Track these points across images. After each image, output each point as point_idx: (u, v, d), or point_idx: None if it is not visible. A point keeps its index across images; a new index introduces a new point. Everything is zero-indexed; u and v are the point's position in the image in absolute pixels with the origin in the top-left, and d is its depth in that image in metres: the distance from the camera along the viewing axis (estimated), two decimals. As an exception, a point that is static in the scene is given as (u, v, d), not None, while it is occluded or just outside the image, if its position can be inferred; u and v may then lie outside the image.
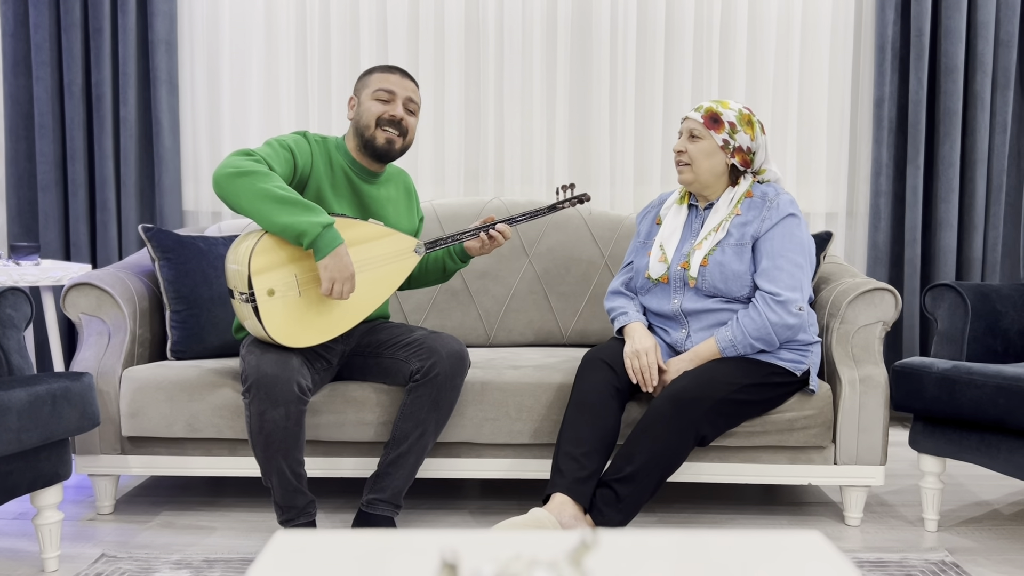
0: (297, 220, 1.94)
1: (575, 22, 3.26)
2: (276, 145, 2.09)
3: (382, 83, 2.18)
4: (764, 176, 2.24)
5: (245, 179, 1.95)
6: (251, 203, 1.95)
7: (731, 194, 2.20)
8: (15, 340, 2.07)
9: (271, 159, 2.04)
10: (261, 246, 1.98)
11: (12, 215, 3.28)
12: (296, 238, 1.96)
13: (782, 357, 2.16)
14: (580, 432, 2.07)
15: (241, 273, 1.98)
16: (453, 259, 2.30)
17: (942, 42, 3.17)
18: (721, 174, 2.20)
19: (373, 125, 2.18)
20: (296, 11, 3.26)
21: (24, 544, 2.16)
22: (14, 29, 3.21)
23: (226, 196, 1.97)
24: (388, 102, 2.18)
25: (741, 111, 2.19)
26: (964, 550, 2.15)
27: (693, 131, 2.19)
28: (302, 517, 2.07)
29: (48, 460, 1.93)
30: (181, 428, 2.26)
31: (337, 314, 2.07)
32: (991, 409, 2.05)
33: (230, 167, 1.96)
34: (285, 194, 1.96)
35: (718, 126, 2.16)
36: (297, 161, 2.12)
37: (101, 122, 3.19)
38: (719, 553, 1.01)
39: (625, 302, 2.31)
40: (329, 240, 1.96)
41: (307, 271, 2.04)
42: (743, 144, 2.18)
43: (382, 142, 2.18)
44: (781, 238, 2.12)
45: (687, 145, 2.19)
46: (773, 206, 2.15)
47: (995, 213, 3.24)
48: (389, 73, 2.20)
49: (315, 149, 2.18)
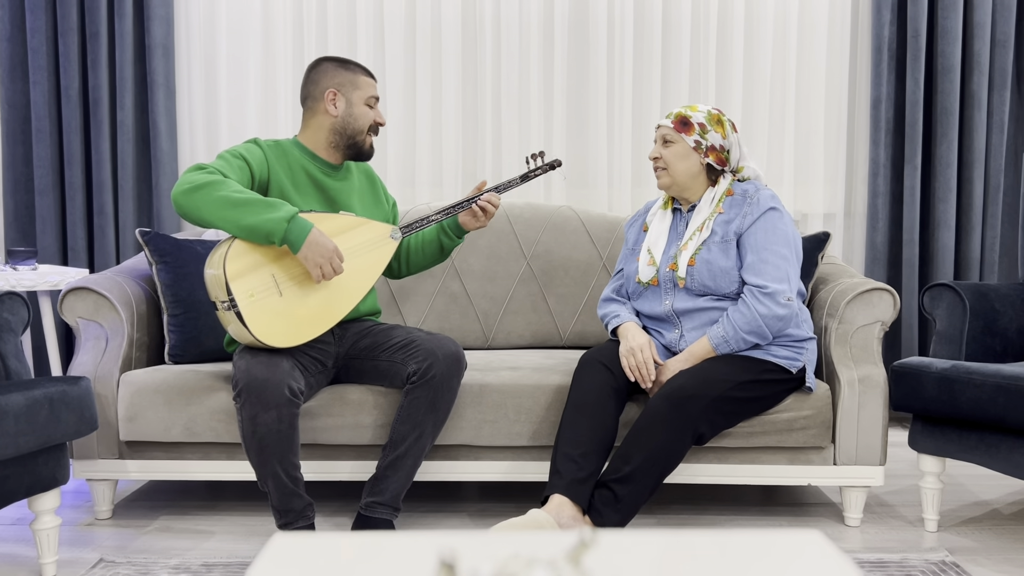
0: (261, 219, 1.95)
1: (572, 24, 3.26)
2: (228, 156, 2.10)
3: (372, 90, 2.24)
4: (744, 174, 2.27)
5: (202, 191, 1.96)
6: (212, 213, 1.96)
7: (712, 194, 2.23)
8: (12, 345, 2.06)
9: (225, 169, 2.05)
10: (234, 251, 1.99)
11: (9, 220, 3.28)
12: (265, 238, 1.97)
13: (776, 354, 2.16)
14: (578, 433, 2.07)
15: (218, 279, 1.98)
16: (448, 236, 2.31)
17: (939, 42, 3.17)
18: (697, 174, 2.23)
19: (366, 131, 2.23)
20: (293, 15, 3.26)
21: (22, 549, 2.15)
22: (11, 33, 3.21)
23: (187, 212, 1.98)
24: (373, 107, 2.24)
25: (710, 112, 2.23)
26: (964, 550, 2.15)
27: (666, 136, 2.24)
28: (300, 520, 2.06)
29: (46, 465, 1.93)
30: (179, 432, 2.26)
31: (322, 308, 2.08)
32: (990, 408, 2.05)
33: (185, 184, 1.98)
34: (244, 196, 1.97)
35: (688, 128, 2.20)
36: (252, 168, 2.12)
37: (98, 126, 3.19)
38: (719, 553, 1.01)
39: (617, 306, 2.33)
40: (299, 231, 1.97)
41: (284, 269, 2.04)
42: (715, 143, 2.21)
43: (368, 147, 2.25)
44: (764, 232, 2.14)
45: (661, 151, 2.24)
46: (754, 202, 2.17)
47: (993, 213, 3.24)
48: (370, 78, 2.25)
49: (269, 153, 2.18)
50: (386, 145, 3.28)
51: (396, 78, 3.25)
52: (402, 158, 3.29)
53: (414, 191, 3.27)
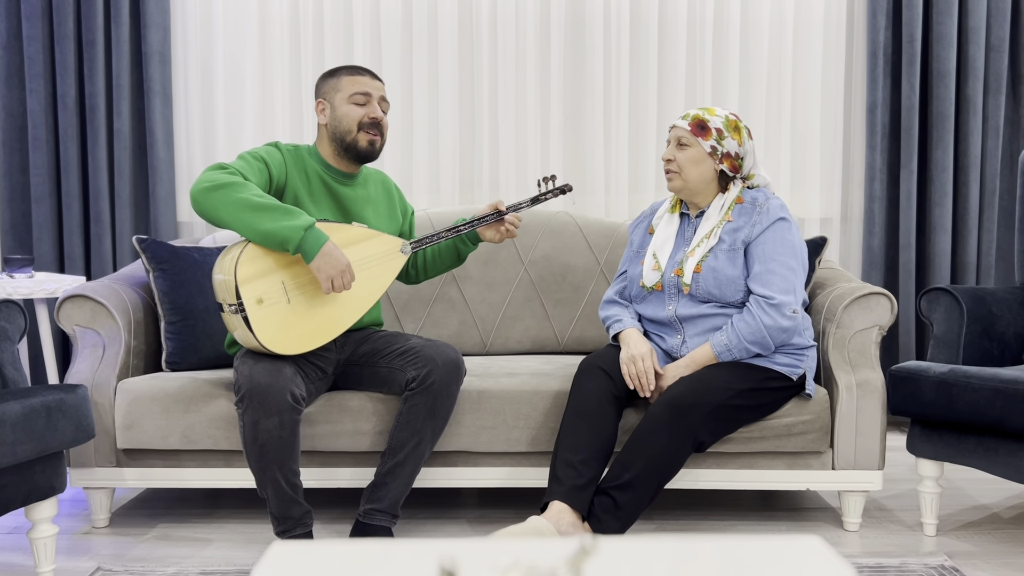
0: (278, 226, 1.94)
1: (568, 29, 3.27)
2: (249, 158, 2.10)
3: (356, 86, 2.19)
4: (753, 181, 2.25)
5: (221, 191, 1.96)
6: (230, 214, 1.96)
7: (721, 200, 2.21)
8: (9, 353, 2.06)
9: (245, 171, 2.05)
10: (246, 255, 1.98)
11: (6, 227, 3.27)
12: (280, 245, 1.96)
13: (778, 362, 2.16)
14: (578, 439, 2.06)
15: (228, 283, 1.98)
16: (465, 243, 2.31)
17: (934, 47, 3.18)
18: (710, 181, 2.21)
19: (355, 129, 2.19)
20: (289, 21, 3.26)
21: (19, 558, 2.15)
22: (7, 41, 3.21)
23: (205, 211, 1.97)
24: (365, 104, 2.19)
25: (728, 117, 2.20)
26: (963, 554, 2.15)
27: (681, 139, 2.20)
28: (299, 528, 2.06)
29: (43, 473, 1.92)
30: (177, 440, 2.25)
31: (328, 318, 2.07)
32: (989, 412, 2.05)
33: (205, 182, 1.97)
34: (263, 201, 1.96)
35: (705, 133, 2.17)
36: (271, 171, 2.12)
37: (95, 134, 3.19)
38: (719, 558, 1.01)
39: (620, 310, 2.31)
40: (314, 241, 1.97)
41: (295, 277, 2.04)
42: (731, 150, 2.19)
43: (365, 144, 2.20)
44: (772, 242, 2.13)
45: (675, 153, 2.20)
46: (763, 211, 2.16)
47: (989, 216, 3.25)
48: (358, 75, 2.20)
49: (288, 158, 2.18)
50: (383, 151, 3.28)
51: (392, 84, 3.25)
52: (399, 164, 3.29)
53: (412, 196, 3.27)
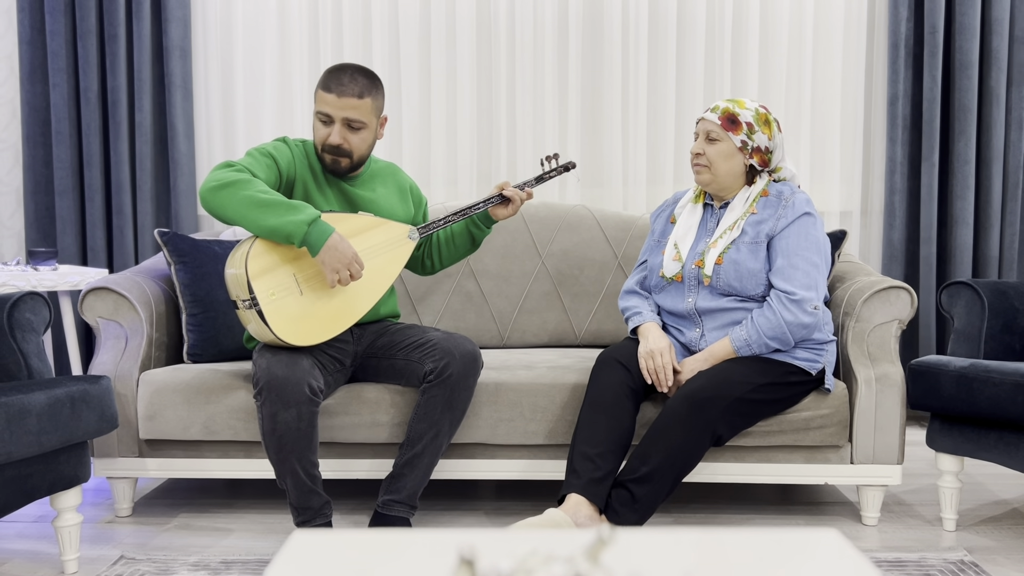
0: (283, 221, 1.96)
1: (587, 23, 3.26)
2: (257, 154, 2.12)
3: (321, 104, 2.11)
4: (780, 174, 2.22)
5: (228, 190, 1.98)
6: (237, 212, 1.98)
7: (747, 193, 2.19)
8: (34, 344, 2.09)
9: (253, 167, 2.06)
10: (256, 250, 2.01)
11: (30, 221, 3.31)
12: (286, 239, 1.99)
13: (797, 356, 2.15)
14: (595, 432, 2.07)
15: (240, 278, 2.00)
16: (479, 227, 2.30)
17: (956, 38, 3.15)
18: (740, 175, 2.18)
19: (320, 147, 2.17)
20: (308, 15, 3.28)
21: (44, 546, 2.18)
22: (31, 37, 3.25)
23: (213, 209, 2.00)
24: (326, 124, 2.13)
25: (758, 110, 2.16)
26: (983, 549, 2.13)
27: (710, 133, 2.16)
28: (318, 518, 2.08)
29: (67, 463, 1.95)
30: (198, 431, 2.28)
31: (342, 308, 2.09)
32: (1010, 407, 2.03)
33: (213, 181, 2.00)
34: (268, 197, 1.98)
35: (736, 127, 2.14)
36: (280, 166, 2.13)
37: (117, 128, 3.22)
38: (737, 551, 1.01)
39: (639, 301, 2.30)
40: (319, 235, 1.98)
41: (305, 269, 2.06)
42: (761, 144, 2.16)
43: (329, 163, 2.17)
44: (796, 237, 2.11)
45: (705, 147, 2.16)
46: (789, 205, 2.14)
47: (1012, 210, 3.22)
48: (327, 92, 2.09)
49: (295, 152, 2.19)
50: (401, 144, 3.29)
51: (411, 78, 3.26)
52: (417, 157, 3.30)
53: (429, 190, 3.28)
